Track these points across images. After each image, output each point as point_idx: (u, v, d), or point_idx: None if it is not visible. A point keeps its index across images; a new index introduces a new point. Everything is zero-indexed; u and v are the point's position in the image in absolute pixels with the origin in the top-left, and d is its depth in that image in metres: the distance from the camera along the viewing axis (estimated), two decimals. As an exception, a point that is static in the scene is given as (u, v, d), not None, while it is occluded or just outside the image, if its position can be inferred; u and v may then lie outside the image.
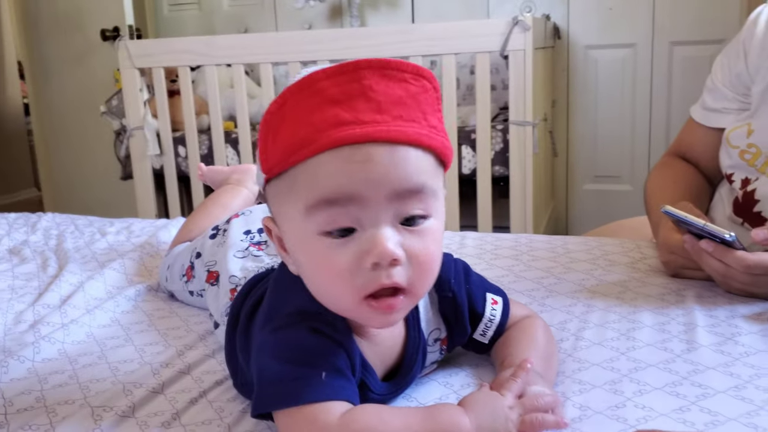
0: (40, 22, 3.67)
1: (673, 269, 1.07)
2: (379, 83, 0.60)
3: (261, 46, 2.63)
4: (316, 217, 0.61)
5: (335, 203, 0.60)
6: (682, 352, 0.81)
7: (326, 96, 0.60)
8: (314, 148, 0.60)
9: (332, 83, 0.60)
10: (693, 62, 3.03)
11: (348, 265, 0.61)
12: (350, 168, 0.59)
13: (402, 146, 0.60)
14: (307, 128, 0.60)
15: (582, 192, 3.34)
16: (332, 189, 0.60)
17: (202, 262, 1.02)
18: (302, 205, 0.62)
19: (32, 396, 0.79)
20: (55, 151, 3.82)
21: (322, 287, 0.65)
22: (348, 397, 0.64)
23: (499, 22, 2.40)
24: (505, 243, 1.30)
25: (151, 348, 0.93)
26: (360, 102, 0.60)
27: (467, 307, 0.77)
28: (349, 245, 0.61)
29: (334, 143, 0.59)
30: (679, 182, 1.23)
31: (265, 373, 0.65)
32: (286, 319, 0.67)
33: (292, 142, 0.61)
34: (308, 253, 0.64)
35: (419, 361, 0.75)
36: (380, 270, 0.61)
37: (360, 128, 0.59)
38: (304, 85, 0.61)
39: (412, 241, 0.62)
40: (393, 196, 0.60)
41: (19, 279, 1.22)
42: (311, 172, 0.61)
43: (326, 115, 0.60)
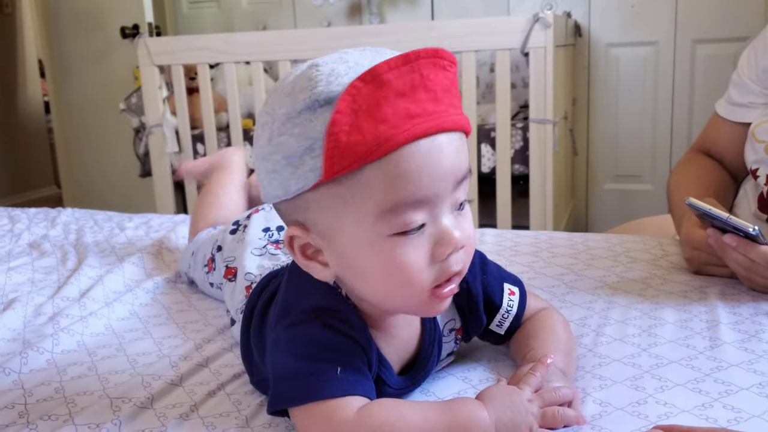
0: (61, 20, 3.70)
1: (695, 266, 1.05)
2: (431, 72, 0.59)
3: (280, 44, 2.64)
4: (392, 220, 0.60)
5: (410, 204, 0.59)
6: (705, 348, 0.80)
7: (393, 88, 0.58)
8: (392, 144, 0.57)
9: (396, 75, 0.58)
10: (716, 60, 3.00)
11: (424, 259, 0.61)
12: (427, 164, 0.59)
13: (457, 133, 0.61)
14: (381, 126, 0.57)
15: (602, 191, 3.31)
16: (413, 191, 0.59)
17: (222, 257, 1.02)
18: (374, 208, 0.59)
19: (51, 387, 0.80)
20: (75, 148, 3.85)
21: (389, 287, 0.63)
22: (364, 392, 0.63)
23: (520, 19, 2.38)
24: (524, 240, 1.29)
25: (169, 341, 0.93)
26: (421, 93, 0.59)
27: (482, 298, 0.76)
28: (421, 240, 0.61)
29: (411, 138, 0.58)
30: (703, 178, 1.22)
31: (280, 369, 0.65)
32: (300, 316, 0.67)
33: (366, 140, 0.57)
34: (376, 256, 0.62)
35: (435, 353, 0.74)
36: (450, 259, 0.62)
37: (429, 120, 0.59)
38: (370, 78, 0.57)
39: (463, 224, 0.64)
40: (455, 185, 0.61)
41: (38, 272, 1.23)
42: (388, 172, 0.58)
43: (396, 108, 0.58)
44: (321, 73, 0.60)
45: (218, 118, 2.95)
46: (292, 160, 0.60)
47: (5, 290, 1.14)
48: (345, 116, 0.57)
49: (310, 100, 0.59)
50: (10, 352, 0.90)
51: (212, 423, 0.70)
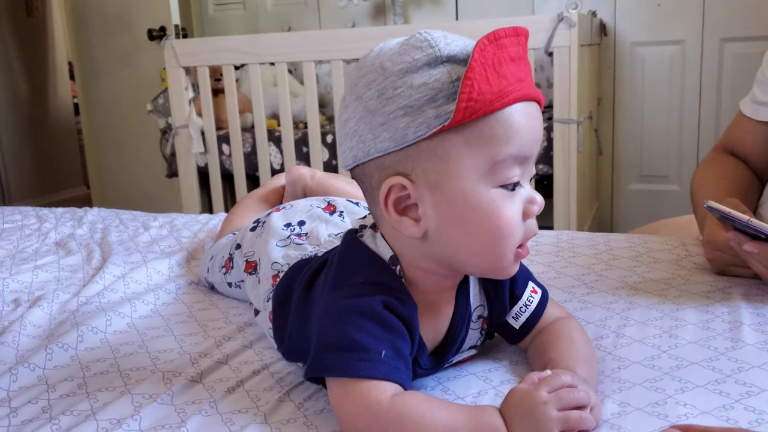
0: (90, 23, 3.75)
1: (718, 266, 1.04)
2: (522, 49, 0.66)
3: (304, 45, 2.65)
4: (501, 172, 0.65)
5: (518, 159, 0.65)
6: (727, 350, 0.79)
7: (509, 53, 0.65)
8: (509, 100, 0.64)
9: (510, 42, 0.65)
10: (744, 59, 2.95)
11: (517, 215, 0.67)
12: (531, 125, 0.65)
13: (536, 104, 0.67)
14: (502, 81, 0.64)
15: (627, 192, 3.28)
16: (522, 146, 0.65)
17: (241, 253, 1.03)
18: (488, 158, 0.65)
19: (75, 382, 0.81)
20: (104, 149, 3.91)
21: (486, 241, 0.67)
22: (402, 379, 0.65)
23: (544, 19, 2.37)
24: (546, 239, 1.28)
25: (190, 338, 0.94)
26: (522, 63, 0.66)
27: (508, 286, 0.78)
28: (516, 197, 0.67)
29: (522, 98, 0.64)
30: (727, 178, 1.20)
31: (327, 338, 0.67)
32: (355, 288, 0.69)
33: (490, 91, 0.63)
34: (479, 206, 0.66)
35: (463, 333, 0.76)
36: (532, 220, 0.68)
37: (529, 87, 0.66)
38: (493, 39, 0.64)
39: None
40: (536, 153, 0.68)
41: (64, 270, 1.25)
42: (505, 125, 0.64)
43: (511, 69, 0.65)
44: (433, 37, 0.66)
45: (243, 118, 2.97)
46: (411, 110, 0.64)
47: (32, 288, 1.16)
48: (479, 67, 0.63)
49: (430, 57, 0.65)
50: (35, 347, 0.91)
51: (231, 419, 0.71)
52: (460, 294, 0.76)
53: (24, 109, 4.54)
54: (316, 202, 1.07)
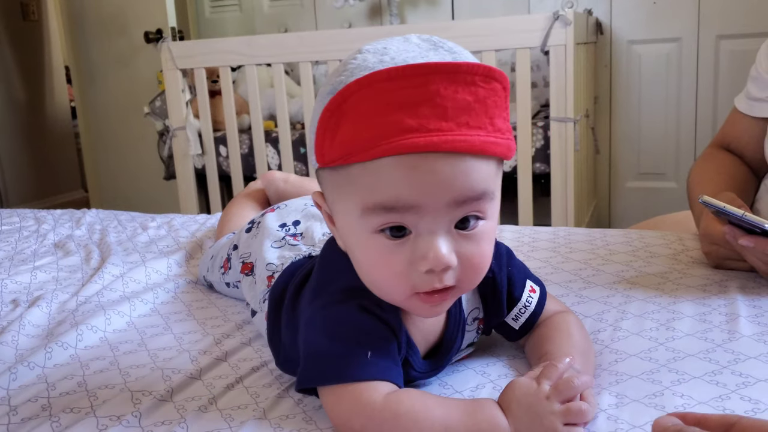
0: (86, 26, 3.76)
1: (715, 260, 1.05)
2: (447, 88, 0.58)
3: (301, 46, 2.66)
4: (371, 219, 0.61)
5: (393, 210, 0.60)
6: (723, 341, 0.79)
7: (390, 99, 0.58)
8: (376, 152, 0.58)
9: (397, 86, 0.57)
10: (740, 56, 2.96)
11: (401, 267, 0.62)
12: (412, 177, 0.58)
13: (466, 156, 0.59)
14: (370, 131, 0.58)
15: (625, 189, 3.29)
16: (391, 196, 0.59)
17: (238, 255, 1.04)
18: (359, 205, 0.61)
19: (74, 381, 0.81)
20: (101, 152, 3.91)
21: (374, 281, 0.66)
22: (392, 378, 0.65)
23: (540, 18, 2.37)
24: (543, 236, 1.29)
25: (189, 336, 0.94)
26: (426, 108, 0.57)
27: (506, 289, 0.77)
28: (404, 247, 0.62)
29: (397, 150, 0.57)
30: (723, 173, 1.21)
31: (312, 348, 0.67)
32: (334, 296, 0.68)
33: (353, 142, 0.59)
34: (362, 248, 0.64)
35: (459, 339, 0.75)
36: (433, 275, 0.62)
37: (424, 137, 0.57)
38: (366, 83, 0.58)
39: (466, 245, 0.63)
40: (452, 205, 0.60)
41: (63, 271, 1.25)
42: (371, 175, 0.59)
43: (390, 119, 0.58)
44: (353, 62, 0.62)
45: (240, 120, 2.97)
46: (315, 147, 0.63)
47: (30, 288, 1.16)
48: (332, 115, 0.60)
49: (333, 86, 0.62)
50: (34, 347, 0.91)
51: (230, 415, 0.71)
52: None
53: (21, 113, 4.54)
54: (311, 201, 1.07)
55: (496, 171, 0.63)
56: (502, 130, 0.62)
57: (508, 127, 0.63)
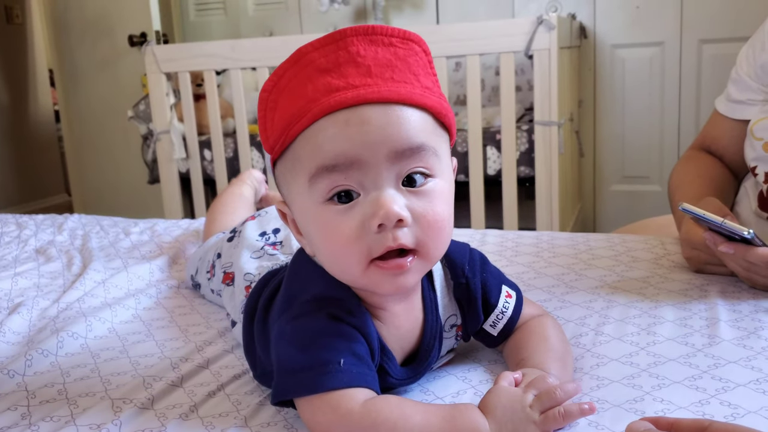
0: (70, 29, 3.73)
1: (696, 265, 1.05)
2: (367, 49, 0.62)
3: (286, 49, 2.61)
4: (318, 185, 0.63)
5: (335, 169, 0.61)
6: (704, 346, 0.80)
7: (316, 66, 0.62)
8: (310, 117, 0.61)
9: (321, 54, 0.62)
10: (722, 60, 2.98)
11: (354, 230, 0.62)
12: (347, 132, 0.60)
13: (396, 105, 0.62)
14: (301, 100, 0.62)
15: (610, 193, 3.30)
16: (331, 154, 0.61)
17: (221, 263, 1.03)
18: (306, 177, 0.63)
19: (55, 389, 0.81)
20: (85, 156, 3.88)
21: (331, 256, 0.66)
22: (368, 383, 0.64)
23: (524, 22, 2.39)
24: (526, 240, 1.29)
25: (171, 343, 0.93)
26: (349, 68, 0.61)
27: (480, 295, 0.76)
28: (354, 210, 0.62)
29: (328, 109, 0.61)
30: (704, 176, 1.21)
31: (284, 361, 0.66)
32: (303, 307, 0.68)
33: (288, 115, 0.63)
34: (316, 224, 0.65)
35: (436, 346, 0.75)
36: (386, 232, 0.62)
37: (352, 92, 0.61)
38: (294, 59, 0.63)
39: (418, 202, 0.63)
40: (392, 156, 0.61)
41: (44, 277, 1.24)
42: (310, 141, 0.62)
43: (318, 84, 0.61)
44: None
45: (225, 124, 2.97)
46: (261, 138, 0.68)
47: (11, 295, 1.15)
48: (269, 95, 0.64)
49: None
50: (14, 354, 0.91)
51: (211, 423, 0.71)
52: (428, 307, 0.74)
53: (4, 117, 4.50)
54: None
55: (434, 128, 0.65)
56: (431, 89, 0.65)
57: (439, 90, 0.66)
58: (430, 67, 0.66)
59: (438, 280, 0.76)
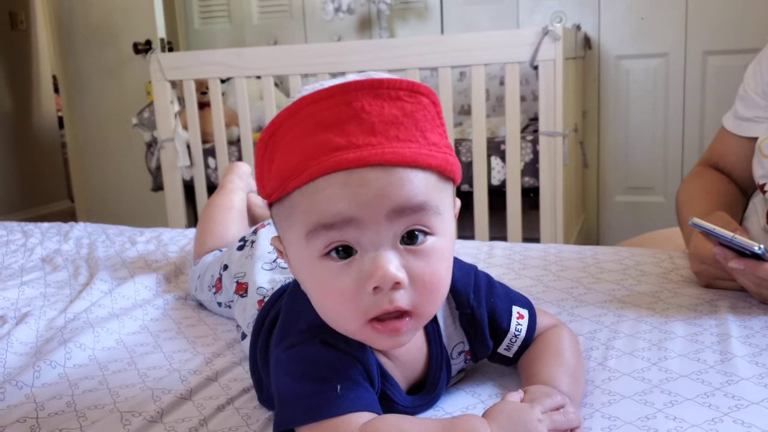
0: (75, 36, 3.74)
1: (705, 280, 1.05)
2: (372, 104, 0.59)
3: (290, 58, 2.66)
4: (315, 241, 0.61)
5: (333, 227, 0.60)
6: (716, 362, 0.80)
7: (317, 120, 0.59)
8: (308, 175, 0.59)
9: (322, 107, 0.59)
10: (727, 72, 2.99)
11: (350, 289, 0.61)
12: (346, 192, 0.58)
13: (399, 168, 0.59)
14: (299, 155, 0.60)
15: (613, 204, 3.30)
16: (329, 214, 0.59)
17: (230, 275, 1.03)
18: (302, 231, 0.61)
19: (63, 401, 0.80)
20: (88, 162, 3.89)
21: (327, 310, 0.65)
22: (367, 406, 0.63)
23: (529, 33, 2.39)
24: (533, 253, 1.29)
25: (179, 355, 0.93)
26: (352, 125, 0.59)
27: (488, 323, 0.75)
28: (351, 268, 0.61)
29: (328, 170, 0.58)
30: (712, 192, 1.21)
31: (282, 391, 0.66)
32: (298, 336, 0.67)
33: (286, 169, 0.61)
34: (311, 277, 0.64)
35: (444, 375, 0.74)
36: (382, 294, 0.60)
37: (354, 152, 0.58)
38: (294, 110, 0.60)
39: (415, 262, 0.61)
40: (392, 216, 0.59)
41: (51, 287, 1.24)
42: (308, 198, 0.60)
43: (318, 140, 0.59)
44: (290, 100, 0.62)
45: (229, 132, 2.97)
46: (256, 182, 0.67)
47: (18, 305, 1.15)
48: (266, 146, 0.63)
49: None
50: (22, 365, 0.90)
51: (221, 437, 0.70)
52: (431, 338, 0.73)
53: (8, 123, 4.51)
54: None
55: (437, 185, 0.62)
56: (438, 144, 0.62)
57: (446, 143, 0.64)
58: (439, 118, 0.63)
59: (441, 310, 0.74)
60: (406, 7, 3.47)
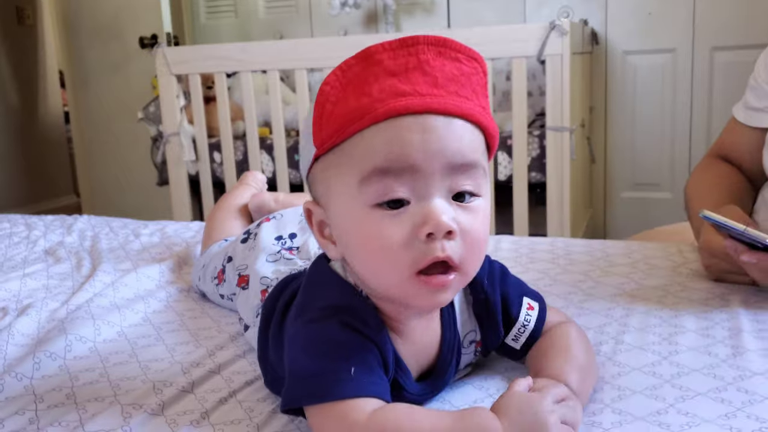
0: (81, 31, 3.74)
1: (715, 273, 1.03)
2: (435, 59, 0.62)
3: (296, 53, 2.64)
4: (369, 188, 0.61)
5: (389, 172, 0.60)
6: (727, 357, 0.78)
7: (384, 67, 0.61)
8: (372, 116, 0.60)
9: (390, 56, 0.61)
10: (735, 67, 2.96)
11: (402, 237, 0.61)
12: (407, 137, 0.60)
13: (459, 119, 0.62)
14: (365, 99, 0.61)
15: (620, 199, 3.28)
16: (388, 158, 0.60)
17: (233, 266, 1.02)
18: (356, 177, 0.61)
19: (63, 393, 0.79)
20: (94, 157, 3.88)
21: (371, 263, 0.64)
22: (378, 393, 0.62)
23: (536, 27, 2.37)
24: (541, 247, 1.27)
25: (181, 347, 0.92)
26: (417, 75, 0.61)
27: (500, 310, 0.74)
28: (403, 217, 0.61)
29: (394, 112, 0.60)
30: (721, 184, 1.19)
31: (295, 367, 0.65)
32: (318, 313, 0.66)
33: (349, 111, 0.61)
34: (359, 228, 0.63)
35: (454, 362, 0.73)
36: (435, 242, 0.60)
37: (419, 99, 0.60)
38: (362, 57, 0.61)
39: (464, 217, 0.62)
40: (448, 169, 0.61)
41: (53, 279, 1.23)
42: (368, 141, 0.61)
43: (384, 85, 0.61)
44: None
45: (235, 126, 2.96)
46: (310, 137, 0.65)
47: (20, 296, 1.14)
48: (332, 89, 0.62)
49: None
50: (22, 357, 0.89)
51: (223, 430, 0.69)
52: (446, 322, 0.72)
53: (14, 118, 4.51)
54: None
55: (484, 148, 0.65)
56: (486, 109, 0.65)
57: (490, 111, 0.66)
58: (486, 88, 0.66)
59: (457, 295, 0.74)
60: (413, 1, 3.45)
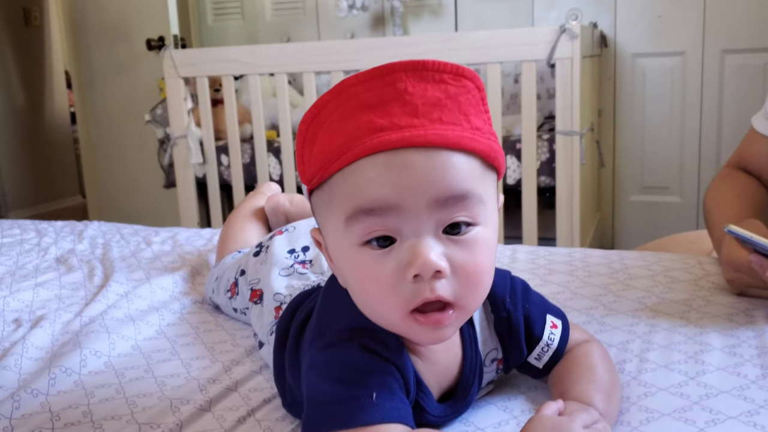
0: (88, 32, 3.72)
1: (738, 288, 1.02)
2: (415, 86, 0.58)
3: (304, 56, 2.63)
4: (354, 228, 0.59)
5: (372, 213, 0.58)
6: (757, 378, 0.76)
7: (360, 101, 0.58)
8: (349, 156, 0.57)
9: (365, 88, 0.58)
10: (745, 71, 2.94)
11: (390, 277, 0.58)
12: (387, 176, 0.57)
13: (442, 151, 0.57)
14: (341, 136, 0.58)
15: (629, 203, 3.26)
16: (369, 198, 0.57)
17: (246, 280, 1.00)
18: (342, 216, 0.59)
19: (79, 410, 0.78)
20: (100, 159, 3.87)
21: (367, 301, 0.62)
22: (401, 418, 0.61)
23: (546, 30, 2.35)
24: (558, 257, 1.26)
25: (197, 362, 0.91)
26: (395, 106, 0.57)
27: (523, 329, 0.73)
28: (391, 256, 0.59)
29: (370, 150, 0.57)
30: (741, 196, 1.18)
31: (314, 393, 0.63)
32: (335, 336, 0.65)
33: (328, 151, 0.59)
34: (351, 266, 0.61)
35: (476, 382, 0.72)
36: (423, 283, 0.58)
37: (396, 133, 0.56)
38: (337, 91, 0.59)
39: (458, 251, 0.59)
40: (433, 204, 0.57)
41: (66, 288, 1.22)
42: (349, 181, 0.58)
43: (360, 121, 0.58)
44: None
45: (242, 129, 2.94)
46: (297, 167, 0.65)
47: (33, 307, 1.13)
48: (308, 127, 0.61)
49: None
50: (37, 371, 0.88)
51: (244, 452, 0.68)
52: (467, 342, 0.71)
53: (20, 119, 4.51)
54: None
55: (481, 172, 0.60)
56: (482, 129, 0.60)
57: (490, 130, 0.62)
58: (483, 104, 0.61)
59: (477, 314, 0.72)
60: (420, 4, 3.43)
